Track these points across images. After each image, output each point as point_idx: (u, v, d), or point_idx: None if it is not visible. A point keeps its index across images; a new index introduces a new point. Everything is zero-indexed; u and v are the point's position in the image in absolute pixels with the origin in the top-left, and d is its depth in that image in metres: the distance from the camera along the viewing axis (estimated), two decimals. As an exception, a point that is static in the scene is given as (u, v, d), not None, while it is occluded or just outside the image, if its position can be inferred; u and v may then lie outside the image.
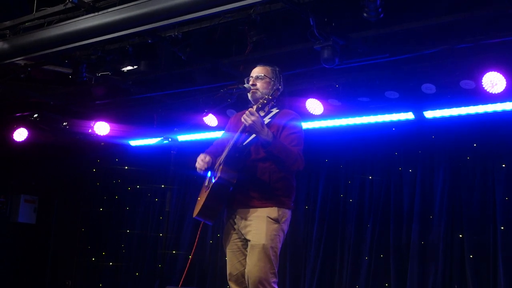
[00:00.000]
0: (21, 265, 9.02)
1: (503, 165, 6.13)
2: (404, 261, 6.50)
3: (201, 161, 3.98)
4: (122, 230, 8.92)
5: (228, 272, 3.99)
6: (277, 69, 4.13)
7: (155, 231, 8.56)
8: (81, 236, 9.29)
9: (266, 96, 3.82)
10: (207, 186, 4.01)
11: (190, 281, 7.82)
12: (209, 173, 4.02)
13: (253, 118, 3.70)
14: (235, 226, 3.96)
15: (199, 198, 4.10)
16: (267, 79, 4.05)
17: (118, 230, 8.97)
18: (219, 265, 7.58)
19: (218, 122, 7.12)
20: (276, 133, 3.88)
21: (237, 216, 3.93)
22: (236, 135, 3.87)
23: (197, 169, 4.01)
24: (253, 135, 3.83)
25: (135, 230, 8.83)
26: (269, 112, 4.00)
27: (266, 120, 3.95)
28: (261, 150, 3.84)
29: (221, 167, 3.85)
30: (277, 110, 4.04)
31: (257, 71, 4.10)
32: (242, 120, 3.75)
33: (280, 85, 4.04)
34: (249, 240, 3.84)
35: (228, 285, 4.02)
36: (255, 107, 3.79)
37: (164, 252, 7.42)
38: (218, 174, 3.83)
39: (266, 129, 3.75)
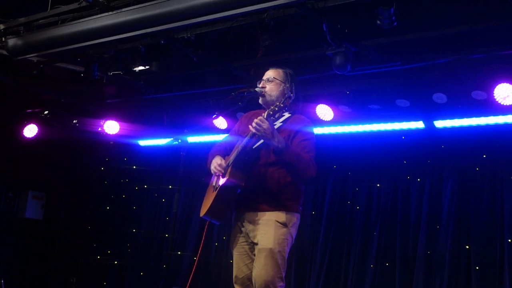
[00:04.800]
0: (26, 260, 9.04)
1: (512, 177, 6.12)
2: (409, 270, 6.47)
3: (219, 166, 3.93)
4: (128, 230, 8.94)
5: (234, 275, 3.97)
6: (290, 72, 4.07)
7: (161, 232, 8.56)
8: (87, 234, 9.32)
9: (277, 104, 3.72)
10: (214, 186, 4.00)
11: (194, 284, 7.81)
12: None
13: (264, 126, 3.65)
14: (243, 230, 3.93)
15: (206, 198, 4.08)
16: (277, 81, 4.00)
17: (124, 229, 8.98)
18: (224, 268, 7.57)
19: (228, 125, 7.13)
20: (287, 139, 3.84)
21: (245, 220, 3.91)
22: (246, 139, 3.83)
23: (212, 172, 4.00)
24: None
25: (141, 229, 8.84)
26: (280, 116, 3.94)
27: (278, 124, 3.91)
28: (271, 154, 3.80)
29: (229, 169, 3.83)
30: (289, 115, 3.97)
31: (268, 74, 4.06)
32: (251, 128, 3.71)
33: (292, 93, 3.90)
34: (257, 244, 3.82)
35: (234, 288, 4.01)
36: (265, 114, 3.73)
37: (170, 253, 7.42)
38: (227, 177, 3.80)
39: (277, 136, 3.71)
